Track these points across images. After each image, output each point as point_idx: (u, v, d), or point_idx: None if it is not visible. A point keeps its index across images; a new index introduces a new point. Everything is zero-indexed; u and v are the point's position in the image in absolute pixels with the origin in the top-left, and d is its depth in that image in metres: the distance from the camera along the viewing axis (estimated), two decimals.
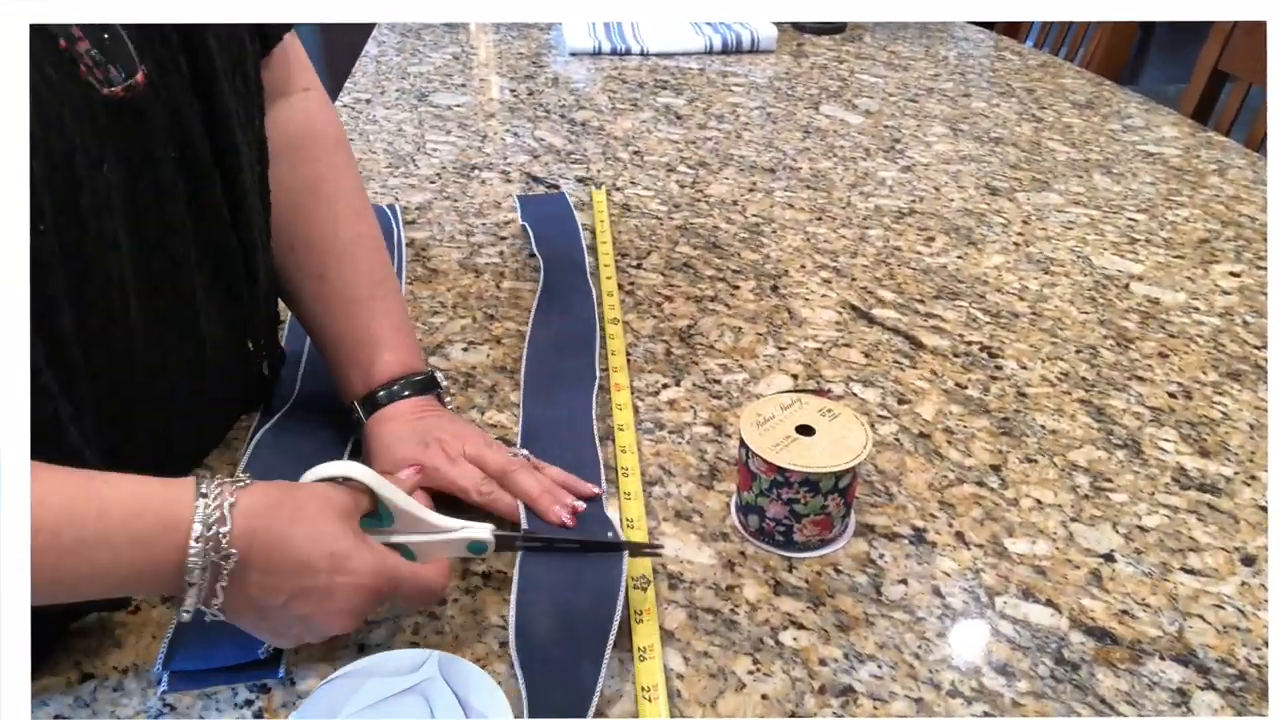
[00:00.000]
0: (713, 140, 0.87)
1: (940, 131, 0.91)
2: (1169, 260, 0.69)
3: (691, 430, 0.50)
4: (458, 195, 0.75)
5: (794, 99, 0.98)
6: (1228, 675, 0.37)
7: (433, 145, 0.84)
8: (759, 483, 0.41)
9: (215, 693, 0.35)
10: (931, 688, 0.36)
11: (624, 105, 0.94)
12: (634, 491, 0.44)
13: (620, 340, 0.56)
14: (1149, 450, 0.49)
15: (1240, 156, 0.87)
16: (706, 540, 0.43)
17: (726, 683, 0.36)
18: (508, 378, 0.53)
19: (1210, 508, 0.46)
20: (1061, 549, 0.43)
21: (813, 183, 0.79)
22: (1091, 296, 0.64)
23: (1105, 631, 0.39)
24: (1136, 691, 0.36)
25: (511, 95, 0.96)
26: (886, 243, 0.70)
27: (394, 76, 1.00)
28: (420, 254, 0.66)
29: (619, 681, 0.36)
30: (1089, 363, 0.57)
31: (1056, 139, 0.90)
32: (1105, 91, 1.03)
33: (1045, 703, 0.36)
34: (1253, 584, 0.41)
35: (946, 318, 0.61)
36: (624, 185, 0.77)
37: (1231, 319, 0.62)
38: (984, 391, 0.54)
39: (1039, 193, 0.79)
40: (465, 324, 0.59)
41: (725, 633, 0.38)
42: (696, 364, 0.55)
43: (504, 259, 0.66)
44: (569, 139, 0.86)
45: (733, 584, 0.40)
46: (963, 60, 1.13)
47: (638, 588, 0.39)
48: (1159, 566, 0.42)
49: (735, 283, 0.64)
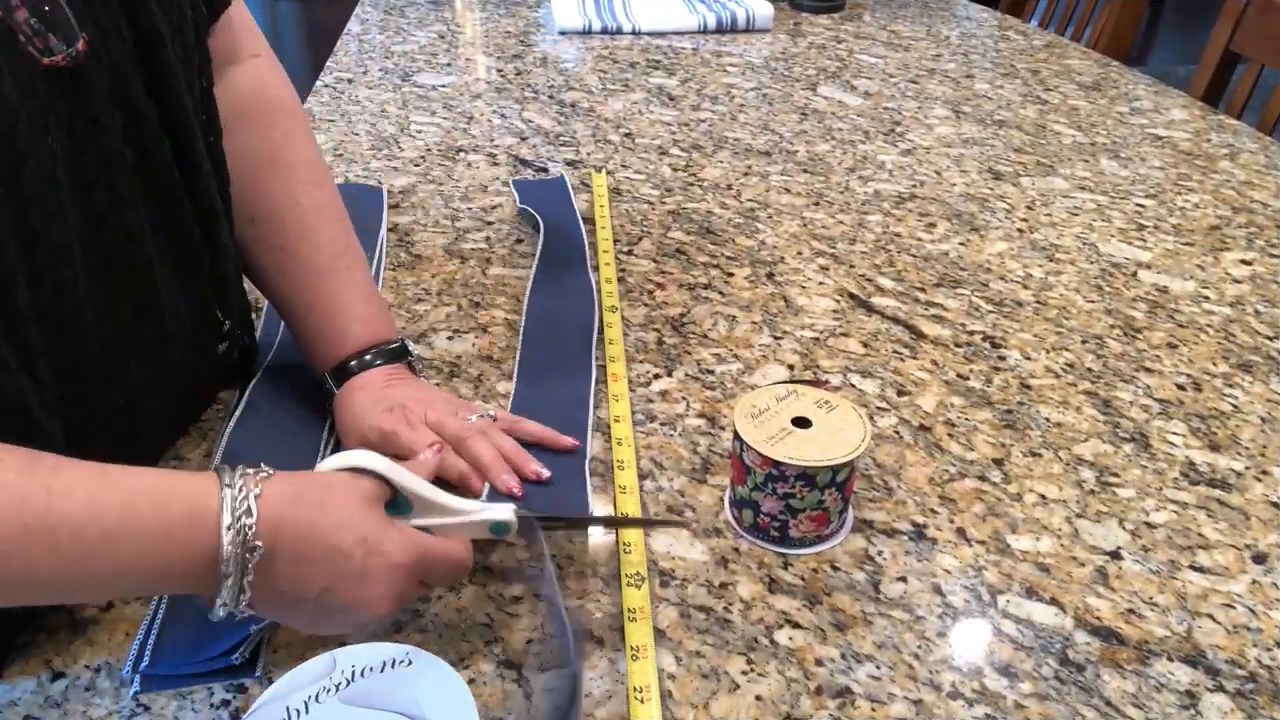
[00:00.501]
0: (706, 122, 0.85)
1: (942, 114, 0.89)
2: (1178, 248, 0.67)
3: (684, 422, 0.48)
4: (443, 178, 0.73)
5: (791, 80, 0.96)
6: (1238, 677, 0.36)
7: (417, 127, 0.81)
8: (753, 476, 0.39)
9: (191, 693, 0.34)
10: (931, 689, 0.35)
11: (615, 86, 0.92)
12: (630, 485, 0.43)
13: (618, 329, 0.55)
14: (1157, 444, 0.48)
15: (1252, 140, 0.85)
16: (699, 536, 0.41)
17: (719, 683, 0.35)
18: (494, 367, 0.52)
19: (1220, 503, 0.45)
20: (1066, 546, 0.42)
21: (810, 166, 0.77)
22: (1098, 285, 0.62)
23: (1111, 631, 0.38)
24: (1143, 693, 0.35)
25: (499, 75, 0.94)
26: (886, 229, 0.68)
27: (377, 55, 0.98)
28: (404, 239, 0.64)
29: (610, 682, 0.34)
30: (1095, 353, 0.55)
31: (1062, 122, 0.88)
32: (1112, 73, 1.01)
33: (1049, 705, 0.35)
34: (1264, 582, 0.40)
35: (948, 306, 0.59)
36: (615, 169, 0.75)
37: (1243, 308, 0.60)
38: (986, 383, 0.52)
39: (1044, 177, 0.77)
40: (450, 311, 0.57)
41: (718, 632, 0.37)
42: (689, 354, 0.54)
43: (490, 244, 0.64)
44: (558, 121, 0.84)
45: (726, 581, 0.39)
46: (965, 40, 1.11)
47: (631, 585, 0.38)
48: (1167, 564, 0.41)
49: (730, 270, 0.62)
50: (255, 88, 0.46)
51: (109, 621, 0.36)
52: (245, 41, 0.47)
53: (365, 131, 0.80)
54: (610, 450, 0.45)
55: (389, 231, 0.65)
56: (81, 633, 0.36)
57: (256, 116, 0.46)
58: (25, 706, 0.33)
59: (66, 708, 0.33)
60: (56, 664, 0.35)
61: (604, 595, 0.38)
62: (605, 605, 0.38)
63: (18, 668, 0.34)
